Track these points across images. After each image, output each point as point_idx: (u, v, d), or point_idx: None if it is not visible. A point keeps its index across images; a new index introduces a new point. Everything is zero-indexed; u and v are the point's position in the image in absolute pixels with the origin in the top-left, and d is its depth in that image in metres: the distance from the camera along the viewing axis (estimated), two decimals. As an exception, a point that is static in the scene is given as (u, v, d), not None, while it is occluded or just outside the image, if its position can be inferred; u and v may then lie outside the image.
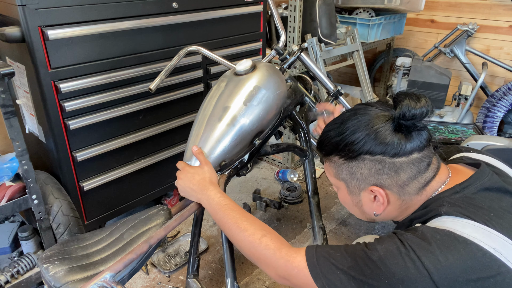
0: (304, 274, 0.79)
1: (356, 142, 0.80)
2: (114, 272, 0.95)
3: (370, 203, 0.87)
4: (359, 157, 0.82)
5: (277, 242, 0.87)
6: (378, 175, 0.81)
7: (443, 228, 0.72)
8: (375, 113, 0.82)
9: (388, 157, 0.79)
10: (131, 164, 1.88)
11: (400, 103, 0.77)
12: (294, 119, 1.51)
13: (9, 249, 1.66)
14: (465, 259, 0.67)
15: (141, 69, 1.74)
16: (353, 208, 0.93)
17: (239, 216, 0.95)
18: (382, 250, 0.72)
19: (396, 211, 0.87)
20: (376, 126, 0.79)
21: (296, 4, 2.31)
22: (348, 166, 0.84)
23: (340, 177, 0.88)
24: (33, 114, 1.65)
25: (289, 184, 2.48)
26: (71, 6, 1.46)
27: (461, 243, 0.69)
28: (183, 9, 1.82)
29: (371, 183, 0.83)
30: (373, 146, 0.79)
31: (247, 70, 1.18)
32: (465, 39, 3.03)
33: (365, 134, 0.80)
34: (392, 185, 0.82)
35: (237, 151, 1.16)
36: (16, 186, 1.41)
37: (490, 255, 0.67)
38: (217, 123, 1.12)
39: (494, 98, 2.81)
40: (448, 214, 0.75)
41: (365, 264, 0.73)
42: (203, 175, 1.06)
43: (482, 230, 0.70)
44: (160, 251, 1.94)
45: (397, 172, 0.80)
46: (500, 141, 1.78)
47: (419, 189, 0.82)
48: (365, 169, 0.82)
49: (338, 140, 0.84)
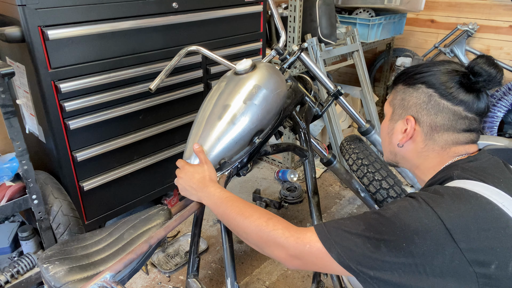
0: (318, 248, 0.77)
1: (423, 72, 0.88)
2: (114, 272, 0.95)
3: (399, 133, 0.93)
4: (416, 86, 0.89)
5: (284, 223, 0.86)
6: (421, 107, 0.87)
7: (455, 186, 0.76)
8: (455, 65, 0.88)
9: (437, 95, 0.85)
10: (131, 164, 1.88)
11: (476, 59, 0.83)
12: (294, 119, 1.51)
13: (9, 249, 1.66)
14: (476, 209, 0.70)
15: (141, 69, 1.74)
16: (384, 136, 1.00)
17: (242, 205, 0.95)
18: (395, 207, 0.75)
19: (415, 155, 0.92)
20: (448, 70, 0.86)
21: (296, 4, 2.31)
22: (403, 92, 0.92)
23: (393, 102, 0.96)
24: (33, 114, 1.65)
25: (289, 184, 2.48)
26: (71, 6, 1.46)
27: (472, 196, 0.72)
28: (183, 9, 1.82)
29: (411, 113, 0.89)
30: (433, 80, 0.86)
31: (247, 69, 1.19)
32: (465, 39, 3.03)
33: (436, 70, 0.87)
34: (426, 123, 0.87)
35: (236, 149, 1.16)
36: (16, 186, 1.41)
37: (499, 209, 0.71)
38: (217, 121, 1.12)
39: (494, 98, 2.81)
40: (460, 178, 0.78)
41: (379, 223, 0.73)
42: (203, 174, 1.06)
43: (491, 189, 0.74)
44: (160, 251, 1.94)
45: (436, 114, 0.85)
46: (500, 141, 1.78)
47: (445, 144, 0.87)
48: (414, 98, 0.89)
49: (412, 69, 0.91)
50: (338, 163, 1.71)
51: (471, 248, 0.67)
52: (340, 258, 0.74)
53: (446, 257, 0.67)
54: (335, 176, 2.61)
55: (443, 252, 0.67)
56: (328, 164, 1.70)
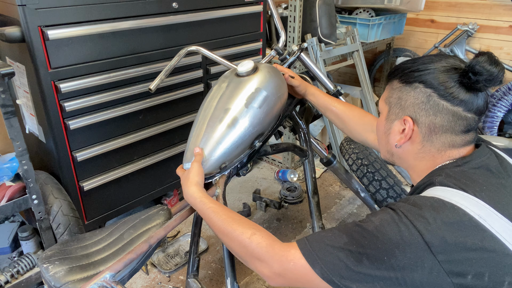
0: (301, 265, 0.78)
1: (420, 70, 0.84)
2: (114, 272, 0.95)
3: (397, 133, 0.90)
4: (414, 84, 0.85)
5: (268, 239, 0.85)
6: (419, 108, 0.84)
7: (433, 196, 0.75)
8: (453, 61, 0.84)
9: (436, 95, 0.82)
10: (131, 164, 1.88)
11: (477, 57, 0.79)
12: (294, 119, 1.51)
13: (9, 249, 1.66)
14: (452, 222, 0.70)
15: (141, 69, 1.74)
16: (381, 135, 0.97)
17: (225, 217, 0.93)
18: (377, 220, 0.75)
19: (411, 156, 0.90)
20: (446, 68, 0.82)
21: (296, 4, 2.31)
22: (400, 90, 0.88)
23: (389, 100, 0.92)
24: (33, 114, 1.65)
25: (289, 184, 2.48)
26: (71, 6, 1.46)
27: (449, 208, 0.72)
28: (183, 9, 1.82)
29: (409, 113, 0.86)
30: (431, 79, 0.82)
31: (248, 71, 1.17)
32: (465, 39, 3.03)
33: (433, 68, 0.83)
34: (424, 124, 0.85)
35: (237, 153, 1.15)
36: (16, 186, 1.41)
37: (475, 221, 0.71)
38: (218, 124, 1.11)
39: (494, 98, 2.81)
40: (442, 184, 0.78)
41: (362, 236, 0.74)
42: (188, 175, 1.04)
43: (469, 199, 0.74)
44: (160, 251, 1.94)
45: (435, 114, 0.83)
46: (500, 141, 1.78)
47: (442, 146, 0.85)
48: (411, 98, 0.85)
49: (408, 65, 0.88)
50: (338, 163, 1.71)
51: (448, 260, 0.68)
52: (324, 273, 0.75)
53: (425, 270, 0.68)
54: (335, 176, 2.61)
55: (423, 265, 0.69)
56: (328, 164, 1.70)
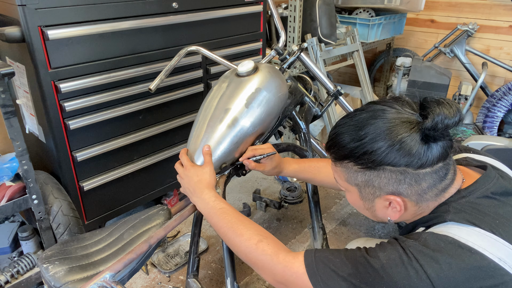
0: (303, 281, 0.78)
1: (377, 152, 0.74)
2: (114, 272, 0.95)
3: (384, 209, 0.82)
4: (379, 168, 0.75)
5: (274, 247, 0.86)
6: (398, 184, 0.76)
7: (447, 235, 0.70)
8: (396, 117, 0.75)
9: (412, 169, 0.74)
10: (131, 164, 1.88)
11: (432, 113, 0.71)
12: (294, 119, 1.51)
13: (9, 249, 1.66)
14: (469, 268, 0.66)
15: (141, 69, 1.74)
16: (364, 211, 0.88)
17: (235, 220, 0.94)
18: (384, 258, 0.71)
19: (411, 215, 0.84)
20: (401, 136, 0.73)
21: (296, 4, 2.31)
22: (364, 174, 0.78)
23: (353, 182, 0.82)
24: (33, 114, 1.65)
25: (289, 184, 2.48)
26: (71, 6, 1.46)
27: (466, 252, 0.67)
28: (183, 9, 1.82)
29: (388, 192, 0.78)
30: (397, 157, 0.73)
31: (249, 71, 1.17)
32: (465, 39, 3.03)
33: (388, 145, 0.73)
34: (411, 194, 0.77)
35: (237, 153, 1.16)
36: (16, 186, 1.41)
37: (495, 265, 0.66)
38: (218, 124, 1.11)
39: (494, 98, 2.81)
40: (454, 221, 0.73)
41: (367, 272, 0.71)
42: (202, 177, 1.05)
43: (487, 238, 0.69)
44: (160, 251, 1.94)
45: (418, 182, 0.75)
46: (500, 141, 1.78)
47: (437, 195, 0.79)
48: (384, 179, 0.76)
49: (355, 147, 0.76)
50: (338, 163, 1.71)
51: None
52: None
53: None
54: (335, 176, 2.60)
55: None
56: (328, 164, 1.70)
